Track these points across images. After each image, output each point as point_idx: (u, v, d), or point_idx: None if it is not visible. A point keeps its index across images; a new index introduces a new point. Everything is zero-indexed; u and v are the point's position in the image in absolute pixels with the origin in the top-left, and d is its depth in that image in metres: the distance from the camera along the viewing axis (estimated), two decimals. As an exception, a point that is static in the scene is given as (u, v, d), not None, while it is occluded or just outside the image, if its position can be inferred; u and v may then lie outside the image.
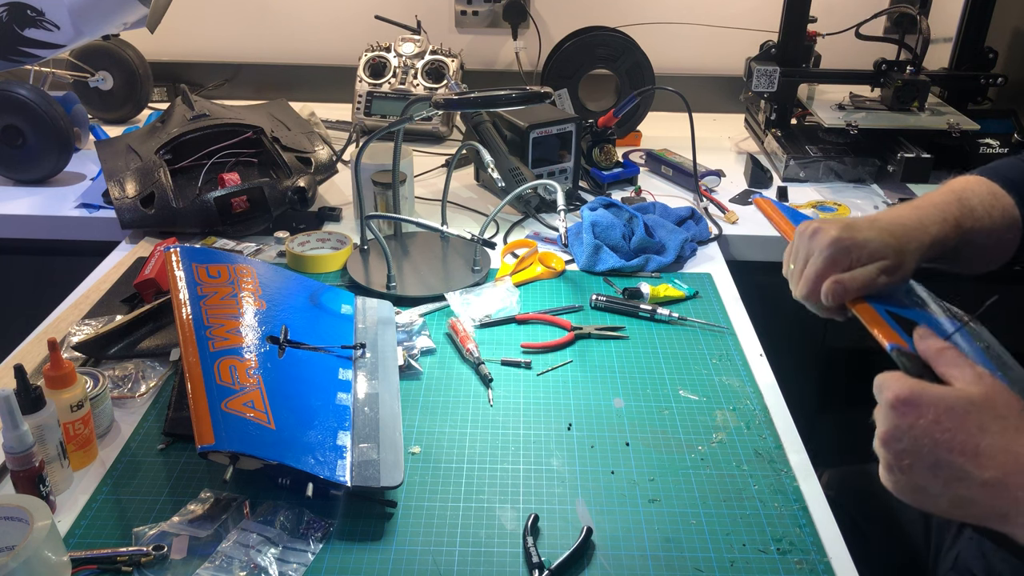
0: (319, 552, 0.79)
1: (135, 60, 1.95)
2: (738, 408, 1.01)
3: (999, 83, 1.74)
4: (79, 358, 1.07)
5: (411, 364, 1.07)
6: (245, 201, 1.39)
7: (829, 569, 0.78)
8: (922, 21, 1.65)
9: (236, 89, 2.14)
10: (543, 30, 2.07)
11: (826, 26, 1.80)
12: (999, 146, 1.63)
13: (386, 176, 1.34)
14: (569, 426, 0.97)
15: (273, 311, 1.01)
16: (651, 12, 2.04)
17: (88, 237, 1.50)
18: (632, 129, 1.88)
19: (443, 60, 1.91)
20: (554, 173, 1.57)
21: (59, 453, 0.85)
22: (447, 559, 0.79)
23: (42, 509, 0.71)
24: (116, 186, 1.42)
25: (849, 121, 1.66)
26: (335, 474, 0.83)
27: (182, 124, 1.51)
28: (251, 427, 0.83)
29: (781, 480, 0.89)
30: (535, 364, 1.09)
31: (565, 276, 1.31)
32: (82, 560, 0.77)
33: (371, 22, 1.98)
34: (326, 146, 1.64)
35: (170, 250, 1.03)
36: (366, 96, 1.89)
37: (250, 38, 2.13)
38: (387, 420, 0.93)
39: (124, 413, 0.99)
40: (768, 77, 1.72)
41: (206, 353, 0.89)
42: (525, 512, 0.84)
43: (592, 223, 1.33)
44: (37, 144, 1.58)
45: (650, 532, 0.82)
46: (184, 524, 0.81)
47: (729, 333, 1.16)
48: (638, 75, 1.82)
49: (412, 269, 1.30)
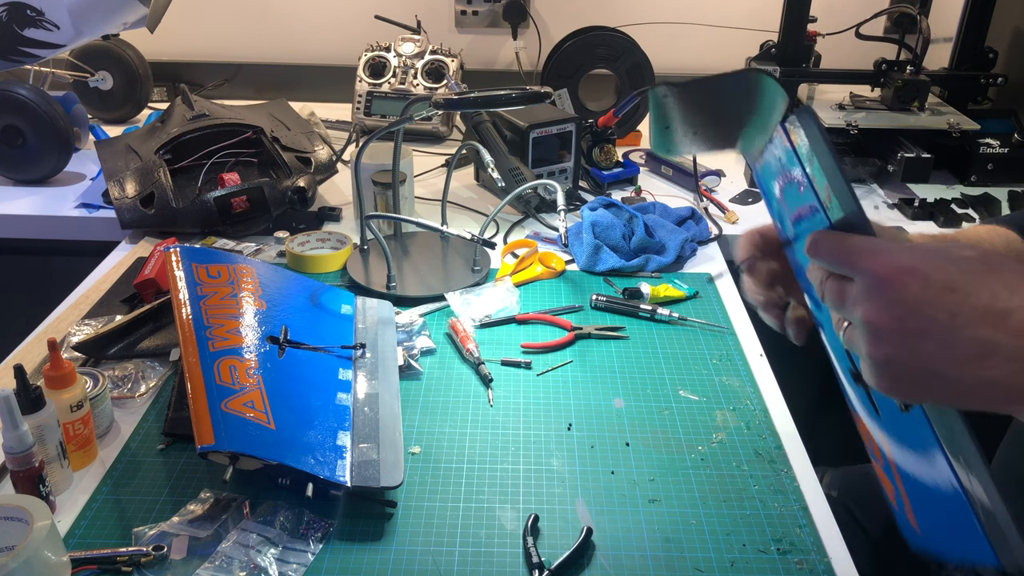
0: (319, 552, 0.79)
1: (135, 60, 1.95)
2: (738, 408, 1.01)
3: (999, 83, 1.74)
4: (79, 358, 1.07)
5: (411, 364, 1.07)
6: (245, 201, 1.39)
7: (829, 569, 0.78)
8: (922, 21, 1.65)
9: (236, 89, 2.14)
10: (543, 30, 2.07)
11: (826, 26, 1.80)
12: (999, 146, 1.63)
13: (386, 176, 1.34)
14: (569, 426, 0.97)
15: (273, 311, 1.01)
16: (651, 12, 2.04)
17: (88, 237, 1.50)
18: (632, 129, 1.88)
19: (443, 60, 1.91)
20: (554, 173, 1.57)
21: (59, 453, 0.85)
22: (447, 559, 0.79)
23: (42, 509, 0.71)
24: (116, 186, 1.42)
25: (849, 121, 1.66)
26: (335, 474, 0.83)
27: (182, 124, 1.51)
28: (251, 427, 0.83)
29: (781, 480, 0.89)
30: (535, 364, 1.09)
31: (565, 276, 1.31)
32: (82, 560, 0.77)
33: (371, 22, 1.98)
34: (326, 146, 1.64)
35: (170, 250, 1.03)
36: (366, 96, 1.89)
37: (250, 38, 2.13)
38: (387, 420, 0.93)
39: (124, 413, 0.99)
40: (768, 77, 1.72)
41: (206, 353, 0.89)
42: (525, 512, 0.84)
43: (592, 223, 1.32)
44: (37, 144, 1.58)
45: (650, 532, 0.82)
46: (184, 524, 0.81)
47: (729, 333, 1.16)
48: (638, 75, 1.82)
49: (412, 269, 1.30)
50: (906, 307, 0.51)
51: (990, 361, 0.50)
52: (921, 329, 0.51)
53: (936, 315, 0.51)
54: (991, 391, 0.51)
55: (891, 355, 0.52)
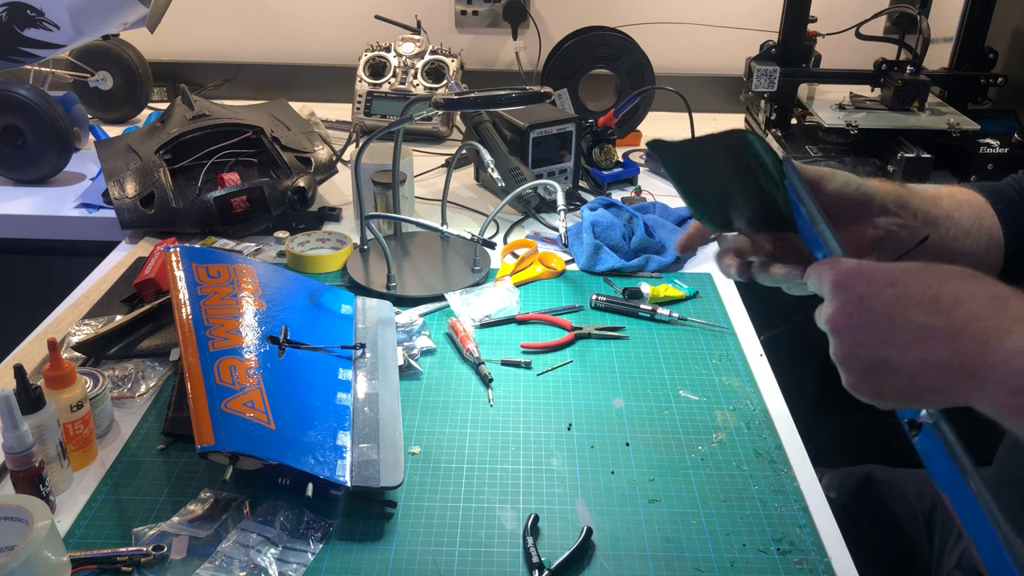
0: (319, 552, 0.79)
1: (135, 60, 1.95)
2: (738, 408, 1.01)
3: (999, 83, 1.74)
4: (79, 358, 1.07)
5: (411, 364, 1.07)
6: (245, 201, 1.39)
7: (829, 569, 0.78)
8: (922, 21, 1.65)
9: (236, 89, 2.14)
10: (543, 30, 2.07)
11: (826, 26, 1.80)
12: (999, 146, 1.63)
13: (386, 176, 1.34)
14: (569, 426, 0.97)
15: (273, 311, 1.01)
16: (651, 12, 2.04)
17: (88, 237, 1.50)
18: (632, 129, 1.88)
19: (443, 60, 1.91)
20: (554, 173, 1.57)
21: (59, 453, 0.85)
22: (447, 559, 0.79)
23: (42, 509, 0.71)
24: (116, 186, 1.42)
25: (849, 121, 1.66)
26: (335, 474, 0.83)
27: (182, 124, 1.51)
28: (251, 427, 0.83)
29: (781, 480, 0.89)
30: (535, 364, 1.09)
31: (565, 276, 1.31)
32: (82, 560, 0.77)
33: (371, 22, 1.98)
34: (326, 146, 1.64)
35: (170, 250, 1.03)
36: (366, 96, 1.89)
37: (250, 38, 2.13)
38: (387, 420, 0.93)
39: (124, 413, 0.99)
40: (768, 77, 1.72)
41: (206, 353, 0.89)
42: (525, 512, 0.84)
43: (592, 223, 1.32)
44: (37, 144, 1.58)
45: (650, 532, 0.82)
46: (184, 524, 0.81)
47: (729, 333, 1.16)
48: (638, 75, 1.82)
49: (412, 269, 1.30)
50: (853, 304, 0.59)
51: (929, 343, 0.56)
52: (867, 321, 0.58)
53: (878, 307, 0.58)
54: (936, 374, 0.56)
55: (847, 350, 0.59)
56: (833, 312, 0.60)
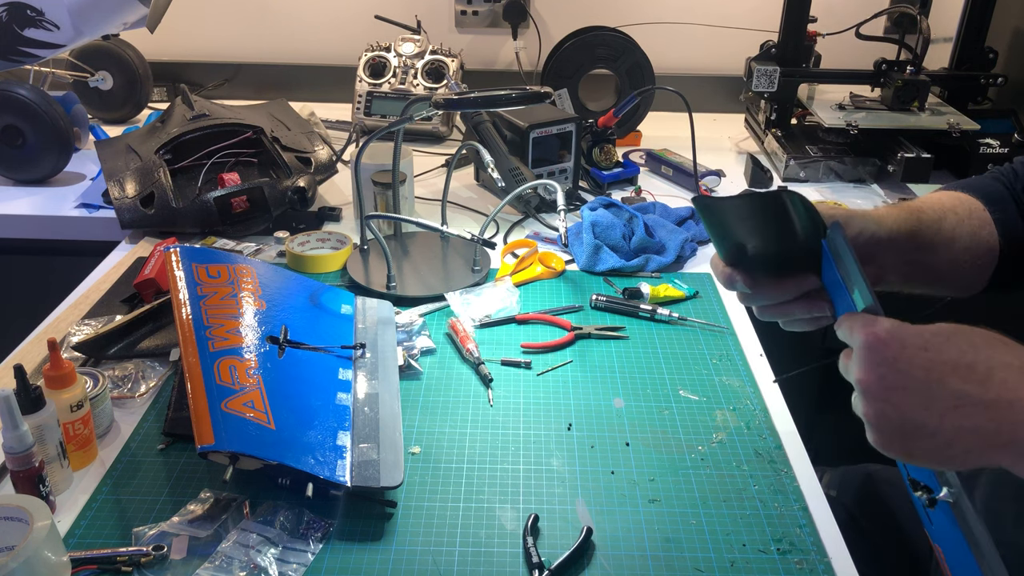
0: (319, 552, 0.79)
1: (135, 60, 1.95)
2: (738, 408, 1.01)
3: (999, 83, 1.74)
4: (79, 358, 1.07)
5: (411, 364, 1.07)
6: (245, 201, 1.39)
7: (829, 569, 0.78)
8: (922, 21, 1.65)
9: (236, 89, 2.14)
10: (543, 30, 2.07)
11: (826, 26, 1.80)
12: (999, 146, 1.63)
13: (386, 176, 1.34)
14: (569, 426, 0.97)
15: (273, 311, 1.01)
16: (651, 12, 2.04)
17: (88, 237, 1.50)
18: (632, 129, 1.88)
19: (443, 60, 1.91)
20: (554, 173, 1.57)
21: (59, 453, 0.85)
22: (447, 559, 0.79)
23: (42, 509, 0.71)
24: (116, 186, 1.42)
25: (849, 121, 1.66)
26: (335, 474, 0.83)
27: (182, 124, 1.51)
28: (251, 427, 0.83)
29: (781, 480, 0.89)
30: (535, 364, 1.09)
31: (565, 276, 1.31)
32: (82, 560, 0.77)
33: (371, 22, 1.98)
34: (326, 146, 1.64)
35: (170, 250, 1.03)
36: (366, 96, 1.89)
37: (250, 38, 2.13)
38: (387, 420, 0.93)
39: (124, 413, 0.99)
40: (768, 77, 1.72)
41: (206, 353, 0.89)
42: (525, 512, 0.84)
43: (592, 223, 1.32)
44: (37, 144, 1.58)
45: (650, 532, 0.82)
46: (184, 524, 0.81)
47: (729, 333, 1.16)
48: (638, 75, 1.82)
49: (412, 269, 1.30)
50: (887, 366, 0.60)
51: (965, 409, 0.57)
52: (901, 384, 0.59)
53: (913, 371, 0.59)
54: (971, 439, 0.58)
55: (878, 410, 0.60)
56: (865, 372, 0.61)
